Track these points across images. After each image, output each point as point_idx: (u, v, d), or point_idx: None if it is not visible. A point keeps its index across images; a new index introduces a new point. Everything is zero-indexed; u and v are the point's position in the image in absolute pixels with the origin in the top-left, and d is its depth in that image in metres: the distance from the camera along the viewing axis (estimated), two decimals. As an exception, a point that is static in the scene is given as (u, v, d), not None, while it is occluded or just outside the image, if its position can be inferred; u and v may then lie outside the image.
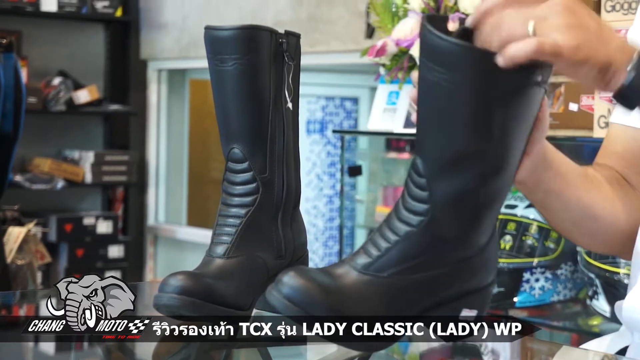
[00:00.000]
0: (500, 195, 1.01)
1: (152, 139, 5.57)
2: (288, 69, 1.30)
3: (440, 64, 0.94)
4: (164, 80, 5.57)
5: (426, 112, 0.98)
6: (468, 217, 1.00)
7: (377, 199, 3.63)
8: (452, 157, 0.97)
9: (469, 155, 0.97)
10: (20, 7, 4.99)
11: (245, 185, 1.29)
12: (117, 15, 5.29)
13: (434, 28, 0.95)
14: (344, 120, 5.83)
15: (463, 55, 0.94)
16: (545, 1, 0.98)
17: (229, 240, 1.26)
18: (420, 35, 0.97)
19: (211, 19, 4.93)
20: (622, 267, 2.34)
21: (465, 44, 0.95)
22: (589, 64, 0.98)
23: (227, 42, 1.25)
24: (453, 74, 0.94)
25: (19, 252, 3.18)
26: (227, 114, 1.28)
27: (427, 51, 0.96)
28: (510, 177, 1.02)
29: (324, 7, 4.34)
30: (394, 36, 2.97)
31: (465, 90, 0.95)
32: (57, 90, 5.05)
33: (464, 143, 0.96)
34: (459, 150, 0.97)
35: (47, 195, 5.17)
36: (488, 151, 0.97)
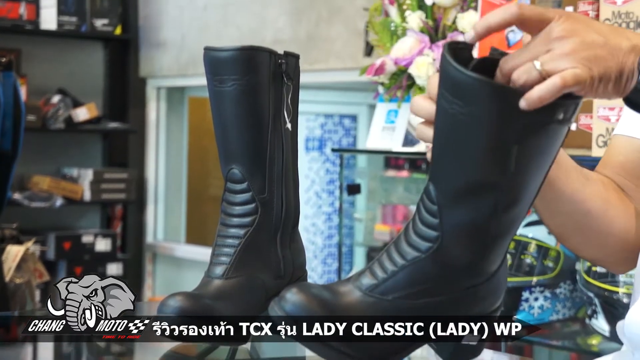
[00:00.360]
0: (513, 226, 1.00)
1: (151, 157, 5.57)
2: (287, 89, 1.30)
3: (458, 96, 0.93)
4: (163, 98, 5.57)
5: (442, 141, 0.97)
6: (478, 246, 0.98)
7: (376, 217, 3.63)
8: (465, 187, 0.96)
9: (483, 188, 0.96)
10: (20, 25, 5.00)
11: (244, 205, 1.29)
12: (116, 33, 5.30)
13: (454, 58, 0.93)
14: (343, 138, 5.83)
15: (482, 91, 0.92)
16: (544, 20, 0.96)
17: (227, 261, 1.26)
18: (440, 65, 0.95)
19: (210, 37, 4.94)
20: (621, 287, 2.34)
21: (485, 80, 0.92)
22: (604, 80, 0.95)
23: (227, 63, 1.25)
24: (471, 107, 0.92)
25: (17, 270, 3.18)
26: (226, 134, 1.29)
27: (446, 82, 0.94)
28: (525, 209, 1.00)
29: (322, 25, 4.36)
30: (392, 55, 2.98)
31: (483, 125, 0.93)
32: (56, 108, 5.05)
33: (478, 175, 0.95)
34: (472, 181, 0.95)
35: (46, 213, 5.17)
36: (502, 185, 0.96)
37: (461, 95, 0.92)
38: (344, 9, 4.23)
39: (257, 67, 1.26)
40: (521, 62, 0.95)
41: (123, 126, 5.38)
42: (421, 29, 2.95)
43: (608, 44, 0.96)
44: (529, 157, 0.95)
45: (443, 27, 2.96)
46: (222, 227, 1.30)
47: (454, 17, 2.96)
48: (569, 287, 2.59)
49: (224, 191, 1.31)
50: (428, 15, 2.97)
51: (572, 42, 0.95)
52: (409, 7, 3.00)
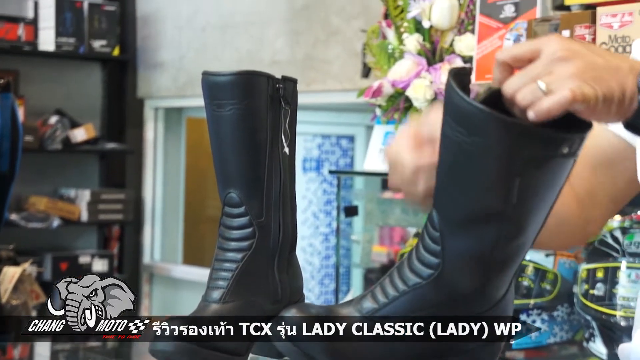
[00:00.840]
0: (518, 255, 0.99)
1: (148, 177, 5.57)
2: (285, 113, 1.31)
3: (463, 126, 0.92)
4: (161, 119, 5.58)
5: (446, 168, 0.96)
6: (481, 274, 0.98)
7: (373, 238, 3.63)
8: (466, 216, 0.96)
9: (485, 217, 0.95)
10: (18, 46, 5.01)
11: (241, 229, 1.29)
12: (114, 54, 5.32)
13: (459, 86, 0.92)
14: (340, 158, 5.83)
15: (488, 122, 0.91)
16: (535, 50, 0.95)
17: (225, 285, 1.26)
18: (445, 92, 0.94)
19: (208, 58, 4.95)
20: (618, 310, 2.34)
21: (491, 112, 0.91)
22: (608, 100, 0.94)
23: (225, 88, 1.25)
24: (475, 137, 0.92)
25: (14, 291, 3.17)
26: (224, 158, 1.29)
27: (451, 111, 0.94)
28: (531, 239, 0.99)
29: (320, 47, 4.37)
30: (390, 77, 2.98)
31: (486, 155, 0.92)
32: (54, 128, 5.06)
33: (480, 204, 0.95)
34: (474, 210, 0.95)
35: (43, 233, 5.16)
36: (505, 215, 0.95)
37: (466, 124, 0.92)
38: (342, 31, 4.25)
39: (255, 91, 1.26)
40: (524, 83, 0.94)
41: (120, 147, 5.39)
42: (418, 51, 2.96)
43: (609, 65, 0.95)
44: (532, 189, 0.94)
45: (440, 49, 2.97)
46: (219, 251, 1.30)
47: (451, 40, 2.97)
48: (566, 310, 2.59)
49: (221, 215, 1.31)
50: (425, 38, 2.98)
51: (574, 63, 0.93)
52: (407, 29, 3.01)
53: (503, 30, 2.77)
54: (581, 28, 2.40)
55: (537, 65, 0.95)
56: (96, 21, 5.22)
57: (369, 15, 3.95)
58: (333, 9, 4.30)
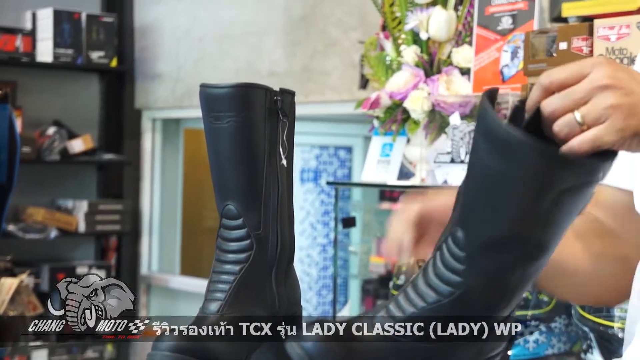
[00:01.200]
0: (535, 276, 1.00)
1: (146, 188, 5.57)
2: (282, 126, 1.31)
3: (498, 150, 0.91)
4: (158, 130, 5.58)
5: (475, 189, 0.96)
6: (499, 295, 0.98)
7: (371, 249, 3.63)
8: (496, 239, 0.95)
9: (515, 241, 0.95)
10: (16, 57, 5.01)
11: (239, 241, 1.29)
12: (112, 65, 5.32)
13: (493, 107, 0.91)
14: (338, 169, 5.83)
15: (523, 150, 0.90)
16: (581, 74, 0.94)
17: (222, 297, 1.26)
18: (478, 113, 0.93)
19: (206, 69, 4.96)
20: (616, 321, 2.33)
21: (527, 139, 0.90)
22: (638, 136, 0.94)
23: (222, 100, 1.26)
24: (510, 163, 0.91)
25: (11, 303, 3.16)
26: (221, 170, 1.29)
27: (485, 133, 0.93)
28: (548, 259, 0.99)
29: (318, 58, 4.37)
30: (387, 89, 2.99)
31: (520, 182, 0.92)
32: (52, 139, 5.06)
33: (511, 228, 0.94)
34: (505, 234, 0.95)
35: (40, 244, 5.15)
36: (533, 237, 0.95)
37: (501, 149, 0.91)
38: (340, 42, 4.25)
39: (253, 104, 1.26)
40: (563, 107, 0.94)
41: (118, 158, 5.39)
42: (416, 63, 2.96)
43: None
44: (564, 215, 0.95)
45: (438, 61, 2.97)
46: (217, 263, 1.30)
47: (449, 51, 2.97)
48: (564, 321, 2.59)
49: (219, 227, 1.31)
50: (423, 50, 2.98)
51: (615, 94, 0.93)
52: (404, 41, 3.01)
53: (500, 42, 2.78)
54: (578, 40, 2.41)
55: (579, 89, 0.94)
56: (94, 32, 5.22)
57: (367, 26, 3.96)
58: (331, 20, 4.30)
